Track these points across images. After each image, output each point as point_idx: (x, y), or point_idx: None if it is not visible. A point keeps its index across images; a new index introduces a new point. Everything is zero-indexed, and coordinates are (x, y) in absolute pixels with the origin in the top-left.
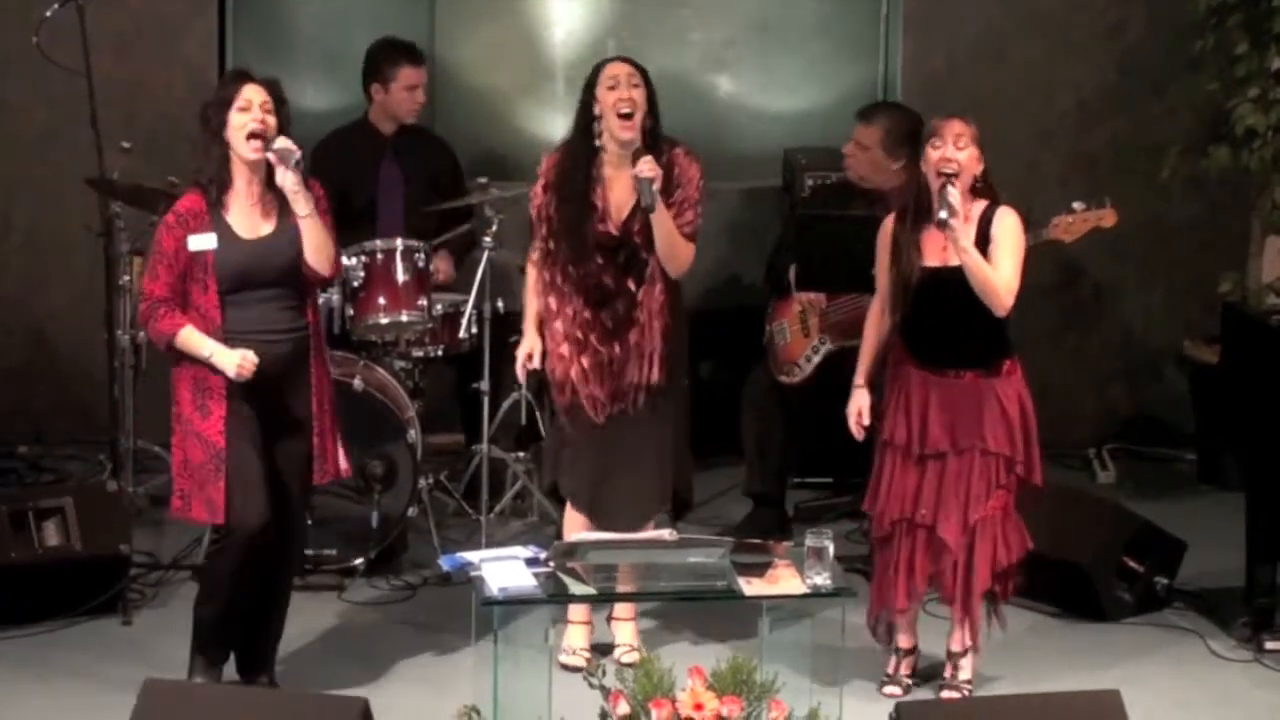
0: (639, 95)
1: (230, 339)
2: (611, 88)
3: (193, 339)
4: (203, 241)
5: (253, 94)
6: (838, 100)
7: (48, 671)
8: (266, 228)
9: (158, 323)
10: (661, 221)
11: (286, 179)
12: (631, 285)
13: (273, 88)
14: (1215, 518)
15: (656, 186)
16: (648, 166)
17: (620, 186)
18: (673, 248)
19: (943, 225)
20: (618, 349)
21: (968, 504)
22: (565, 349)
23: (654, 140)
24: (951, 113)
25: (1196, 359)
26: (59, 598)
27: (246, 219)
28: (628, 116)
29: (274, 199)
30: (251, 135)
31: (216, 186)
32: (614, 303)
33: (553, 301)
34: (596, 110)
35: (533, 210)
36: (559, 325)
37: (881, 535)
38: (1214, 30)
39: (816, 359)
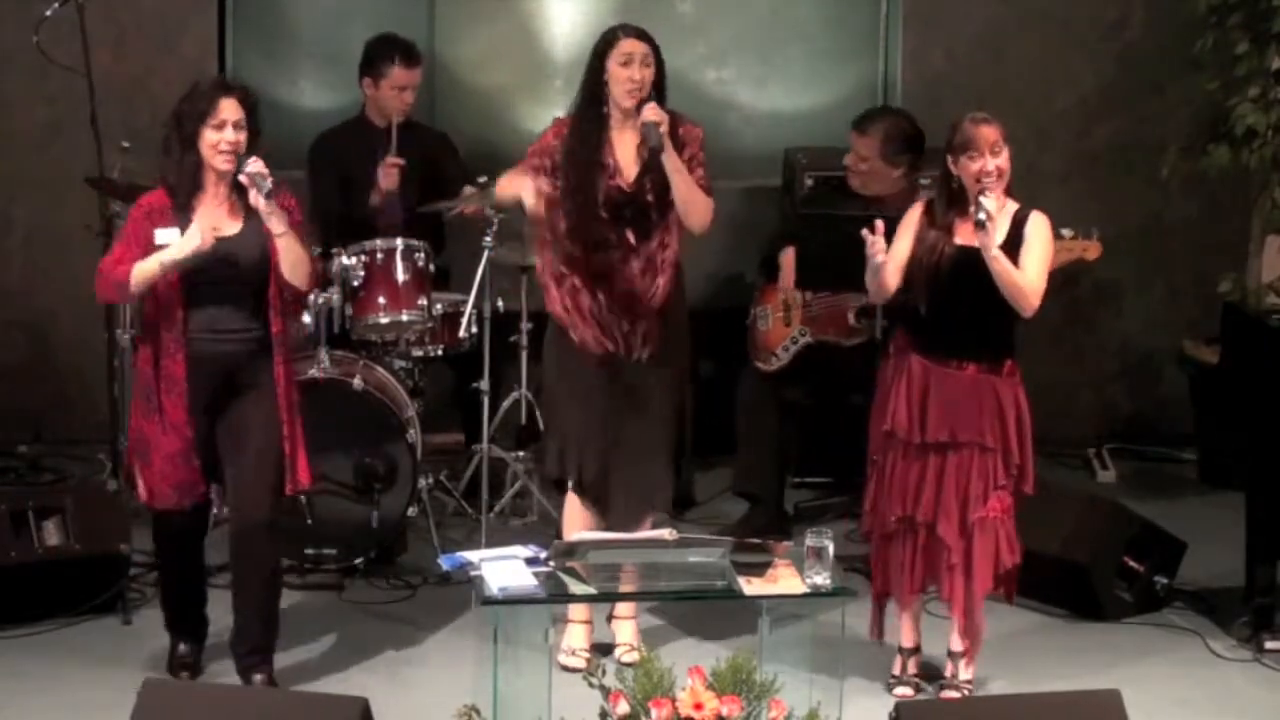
0: (648, 76)
1: (188, 337)
2: (624, 64)
3: (144, 266)
4: (168, 236)
5: (229, 111)
6: (838, 100)
7: (48, 671)
8: (233, 227)
9: (109, 275)
10: (673, 165)
11: (259, 202)
12: (632, 238)
13: (246, 98)
14: (1215, 518)
15: (663, 129)
16: (652, 111)
17: (628, 145)
18: (690, 193)
19: (980, 226)
20: (617, 290)
21: (967, 504)
22: (567, 284)
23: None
24: (974, 117)
25: (1196, 359)
26: (59, 598)
27: (212, 218)
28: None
29: (240, 199)
30: (223, 153)
31: (185, 192)
32: (612, 251)
33: (556, 257)
34: (606, 79)
35: (536, 155)
36: (564, 268)
37: (885, 533)
38: (1214, 29)
39: (795, 349)
